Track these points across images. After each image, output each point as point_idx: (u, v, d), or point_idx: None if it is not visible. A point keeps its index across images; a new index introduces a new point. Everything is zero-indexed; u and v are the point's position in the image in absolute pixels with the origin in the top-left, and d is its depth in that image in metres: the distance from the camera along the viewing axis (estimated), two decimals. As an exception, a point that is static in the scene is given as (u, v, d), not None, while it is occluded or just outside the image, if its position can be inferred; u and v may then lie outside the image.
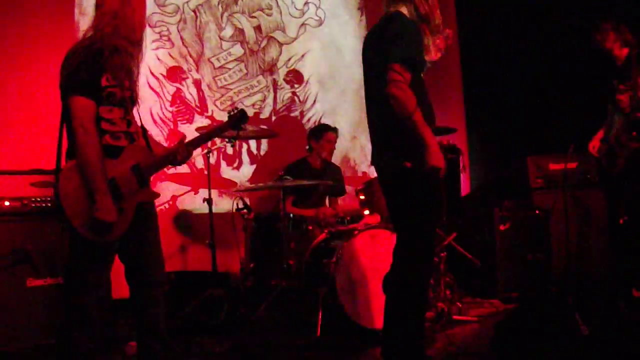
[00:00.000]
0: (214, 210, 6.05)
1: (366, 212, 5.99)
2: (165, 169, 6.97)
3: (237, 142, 7.06)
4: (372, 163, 4.24)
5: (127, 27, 3.76)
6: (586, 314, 4.01)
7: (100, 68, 3.62)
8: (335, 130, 6.96)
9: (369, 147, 7.40)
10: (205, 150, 6.05)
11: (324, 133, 6.88)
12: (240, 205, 6.22)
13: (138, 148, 3.85)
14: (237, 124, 4.29)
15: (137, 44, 3.84)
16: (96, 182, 3.58)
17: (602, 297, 6.03)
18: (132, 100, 3.85)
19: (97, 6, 3.81)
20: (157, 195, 4.02)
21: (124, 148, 3.75)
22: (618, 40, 6.08)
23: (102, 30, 3.71)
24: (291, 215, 6.13)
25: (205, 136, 4.27)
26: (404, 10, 4.01)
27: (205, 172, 7.03)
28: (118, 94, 3.70)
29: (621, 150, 6.07)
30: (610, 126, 6.25)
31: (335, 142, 6.97)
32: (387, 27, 3.95)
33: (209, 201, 5.98)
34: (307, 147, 6.96)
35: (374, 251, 5.47)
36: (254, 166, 7.58)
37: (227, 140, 5.85)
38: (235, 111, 4.29)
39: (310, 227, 6.10)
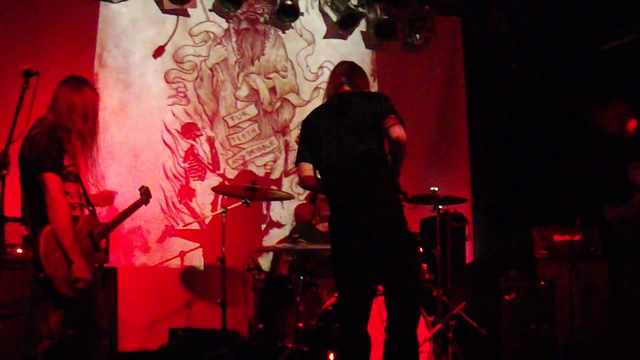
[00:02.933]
0: (221, 269, 6.11)
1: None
2: (174, 225, 7.10)
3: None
4: (357, 221, 4.32)
5: (78, 115, 4.33)
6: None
7: (63, 149, 4.22)
8: None
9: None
10: (222, 210, 6.11)
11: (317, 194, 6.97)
12: (251, 265, 6.25)
13: (90, 218, 4.42)
14: (147, 201, 5.03)
15: (88, 130, 4.39)
16: (71, 247, 4.15)
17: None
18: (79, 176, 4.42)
19: (54, 97, 4.38)
20: (107, 259, 4.71)
21: (79, 217, 4.33)
22: (622, 118, 5.94)
23: (59, 117, 4.28)
24: (301, 277, 6.13)
25: (120, 218, 4.84)
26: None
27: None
28: (74, 172, 4.32)
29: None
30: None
31: None
32: (378, 99, 4.49)
33: (222, 260, 6.02)
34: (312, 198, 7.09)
35: (383, 316, 5.49)
36: (263, 226, 7.64)
37: (243, 200, 5.96)
38: (143, 189, 5.02)
39: (320, 290, 6.12)
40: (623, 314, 6.34)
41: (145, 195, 5.02)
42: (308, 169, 4.56)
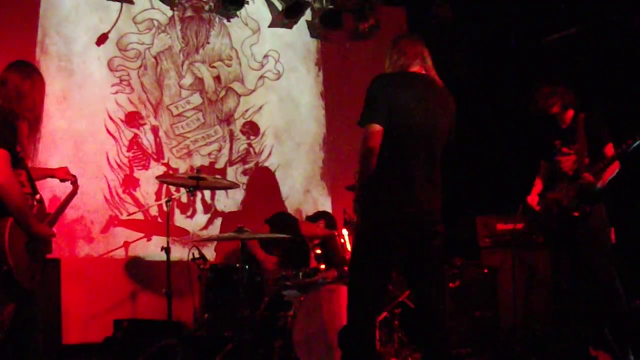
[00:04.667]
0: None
1: (322, 266, 6.05)
2: (118, 215, 7.01)
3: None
4: (427, 218, 4.57)
5: (27, 101, 4.28)
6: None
7: (15, 133, 4.15)
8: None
9: (321, 200, 7.58)
10: (166, 199, 6.05)
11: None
12: (197, 255, 6.21)
13: (40, 207, 4.39)
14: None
15: (35, 118, 4.39)
16: (30, 216, 4.18)
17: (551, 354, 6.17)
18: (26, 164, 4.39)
19: (1, 82, 4.29)
20: (50, 250, 4.55)
21: (32, 207, 4.27)
22: (562, 104, 6.02)
23: (8, 101, 4.20)
24: (246, 266, 6.08)
25: (61, 208, 4.89)
26: None
27: (160, 220, 7.08)
28: (24, 159, 4.27)
29: (561, 213, 6.09)
30: (548, 183, 6.25)
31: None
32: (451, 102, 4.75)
33: (166, 250, 5.95)
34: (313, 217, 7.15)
35: (331, 306, 5.54)
36: (207, 215, 7.59)
37: (187, 189, 5.90)
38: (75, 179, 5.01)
39: (265, 280, 6.11)
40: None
41: (75, 184, 5.03)
42: (380, 131, 4.28)
